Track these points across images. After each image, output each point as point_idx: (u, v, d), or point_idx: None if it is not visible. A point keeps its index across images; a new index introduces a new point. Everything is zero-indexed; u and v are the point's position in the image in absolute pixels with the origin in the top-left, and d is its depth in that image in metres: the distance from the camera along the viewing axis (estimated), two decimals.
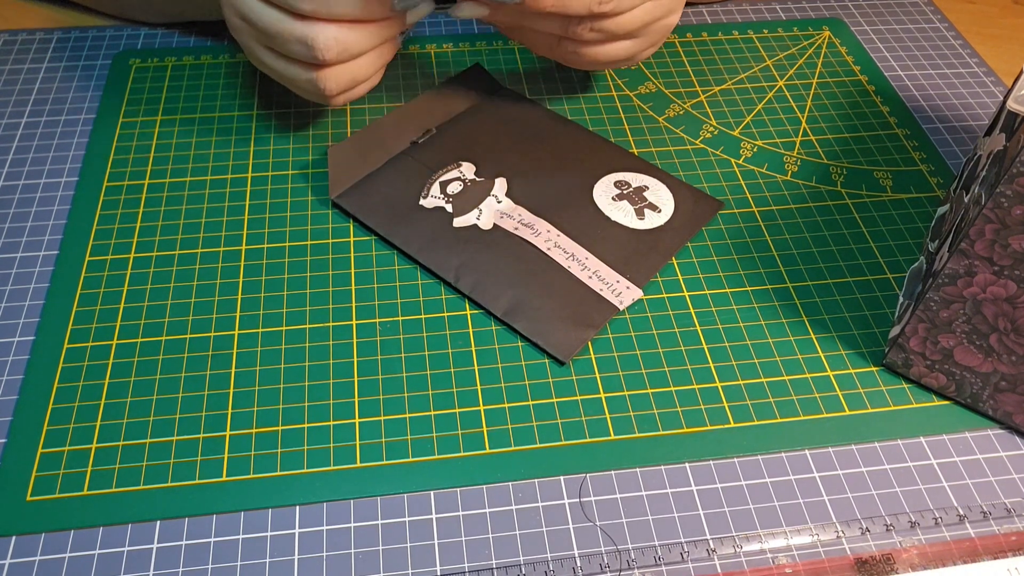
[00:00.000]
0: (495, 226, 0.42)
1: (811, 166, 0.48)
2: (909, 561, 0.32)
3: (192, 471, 0.34)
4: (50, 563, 0.32)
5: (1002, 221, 0.31)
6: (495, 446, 0.35)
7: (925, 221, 0.45)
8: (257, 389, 0.37)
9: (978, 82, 0.54)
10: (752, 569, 0.32)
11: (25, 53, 0.53)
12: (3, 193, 0.45)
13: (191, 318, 0.39)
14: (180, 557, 0.32)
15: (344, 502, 0.34)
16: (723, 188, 0.46)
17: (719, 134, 0.50)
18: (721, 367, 0.38)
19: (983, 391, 0.36)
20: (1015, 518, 0.34)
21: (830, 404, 0.37)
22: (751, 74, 0.54)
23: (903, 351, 0.37)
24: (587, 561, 0.32)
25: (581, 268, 0.41)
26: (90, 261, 0.41)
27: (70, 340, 0.38)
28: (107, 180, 0.45)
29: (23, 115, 0.49)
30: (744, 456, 0.35)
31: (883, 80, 0.54)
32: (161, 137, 0.48)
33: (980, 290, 0.33)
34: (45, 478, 0.34)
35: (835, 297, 0.41)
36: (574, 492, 0.34)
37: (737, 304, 0.41)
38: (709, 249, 0.43)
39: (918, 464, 0.36)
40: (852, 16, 0.59)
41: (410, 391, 0.37)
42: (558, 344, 0.38)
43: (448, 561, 0.32)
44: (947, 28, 0.59)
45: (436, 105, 0.48)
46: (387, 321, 0.39)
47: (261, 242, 0.43)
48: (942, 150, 0.49)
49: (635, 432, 0.36)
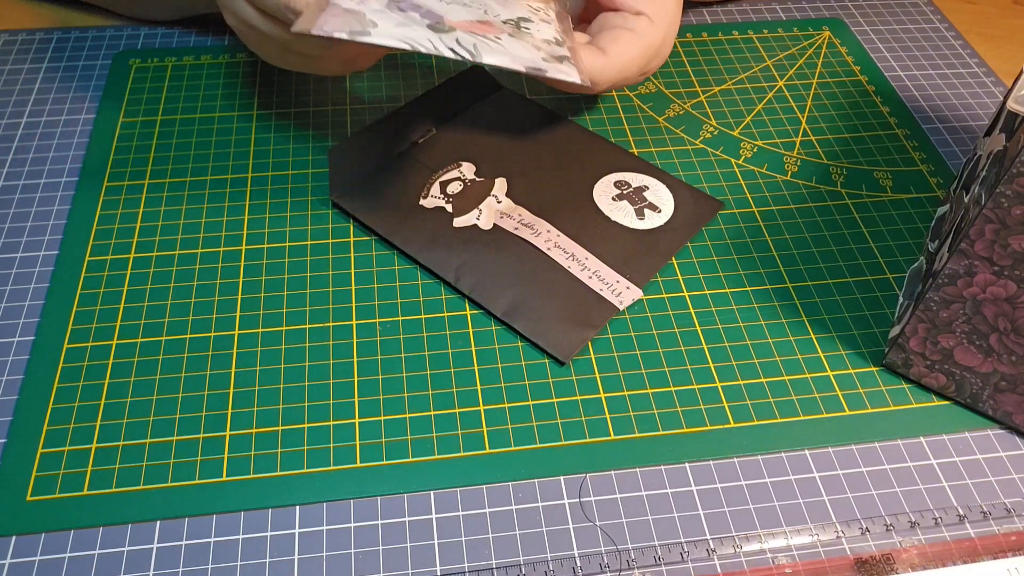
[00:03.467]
0: (495, 226, 0.42)
1: (811, 166, 0.48)
2: (909, 561, 0.32)
3: (192, 471, 0.34)
4: (50, 563, 0.32)
5: (1002, 221, 0.31)
6: (495, 446, 0.35)
7: (925, 221, 0.45)
8: (257, 389, 0.37)
9: (978, 82, 0.54)
10: (752, 569, 0.32)
11: (25, 53, 0.53)
12: (3, 193, 0.45)
13: (191, 318, 0.39)
14: (180, 557, 0.32)
15: (344, 502, 0.34)
16: (723, 188, 0.46)
17: (719, 134, 0.50)
18: (721, 367, 0.38)
19: (983, 391, 0.36)
20: (1015, 518, 0.34)
21: (830, 404, 0.37)
22: (751, 74, 0.54)
23: (903, 351, 0.37)
24: (587, 561, 0.32)
25: (581, 268, 0.41)
26: (90, 261, 0.41)
27: (70, 340, 0.38)
28: (107, 180, 0.45)
29: (23, 115, 0.49)
30: (744, 456, 0.35)
31: (883, 80, 0.54)
32: (161, 137, 0.48)
33: (980, 290, 0.33)
34: (45, 478, 0.34)
35: (835, 297, 0.41)
36: (574, 492, 0.34)
37: (737, 304, 0.41)
38: (709, 249, 0.43)
39: (918, 464, 0.36)
40: (852, 16, 0.59)
41: (410, 391, 0.37)
42: (558, 344, 0.38)
43: (448, 561, 0.32)
44: (947, 28, 0.59)
45: (436, 105, 0.48)
46: (387, 321, 0.39)
47: (261, 242, 0.43)
48: (942, 150, 0.49)
49: (635, 432, 0.36)
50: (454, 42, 0.34)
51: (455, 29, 0.34)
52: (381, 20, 0.34)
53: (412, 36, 0.33)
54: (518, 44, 0.35)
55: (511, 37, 0.35)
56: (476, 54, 0.34)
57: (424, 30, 0.34)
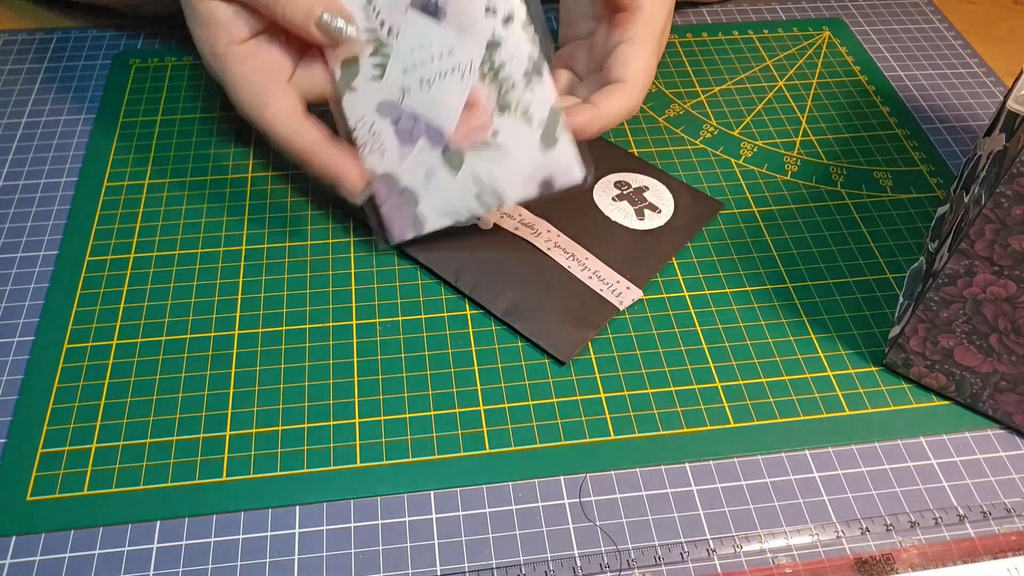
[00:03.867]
0: (495, 226, 0.42)
1: (811, 166, 0.48)
2: (909, 561, 0.32)
3: (192, 471, 0.34)
4: (50, 563, 0.32)
5: (1002, 221, 0.31)
6: (495, 446, 0.35)
7: (925, 221, 0.45)
8: (257, 389, 0.37)
9: (978, 82, 0.54)
10: (752, 569, 0.32)
11: (25, 53, 0.53)
12: (3, 193, 0.45)
13: (191, 318, 0.39)
14: (180, 557, 0.32)
15: (344, 502, 0.34)
16: (723, 188, 0.46)
17: (719, 134, 0.50)
18: (721, 367, 0.38)
19: (983, 391, 0.36)
20: (1015, 518, 0.34)
21: (830, 404, 0.37)
22: (751, 74, 0.54)
23: (903, 351, 0.37)
24: (587, 561, 0.32)
25: (581, 268, 0.41)
26: (90, 261, 0.41)
27: (70, 340, 0.38)
28: (107, 180, 0.45)
29: (23, 115, 0.49)
30: (744, 456, 0.35)
31: (883, 80, 0.54)
32: (161, 137, 0.48)
33: (980, 290, 0.33)
34: (45, 478, 0.34)
35: (835, 297, 0.41)
36: (574, 492, 0.34)
37: (737, 304, 0.41)
38: (709, 249, 0.43)
39: (918, 464, 0.36)
40: (852, 16, 0.59)
41: (410, 391, 0.37)
42: (558, 344, 0.38)
43: (448, 561, 0.32)
44: (947, 28, 0.59)
45: None
46: (387, 321, 0.39)
47: (261, 242, 0.43)
48: (942, 150, 0.49)
49: (635, 432, 0.36)
50: (474, 183, 0.38)
51: (461, 148, 0.37)
52: (413, 183, 0.39)
53: (451, 206, 0.39)
54: (515, 138, 0.37)
55: (501, 117, 0.37)
56: (501, 196, 0.38)
57: (447, 175, 0.38)
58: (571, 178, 0.37)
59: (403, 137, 0.38)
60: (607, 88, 0.39)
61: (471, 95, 0.37)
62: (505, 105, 0.36)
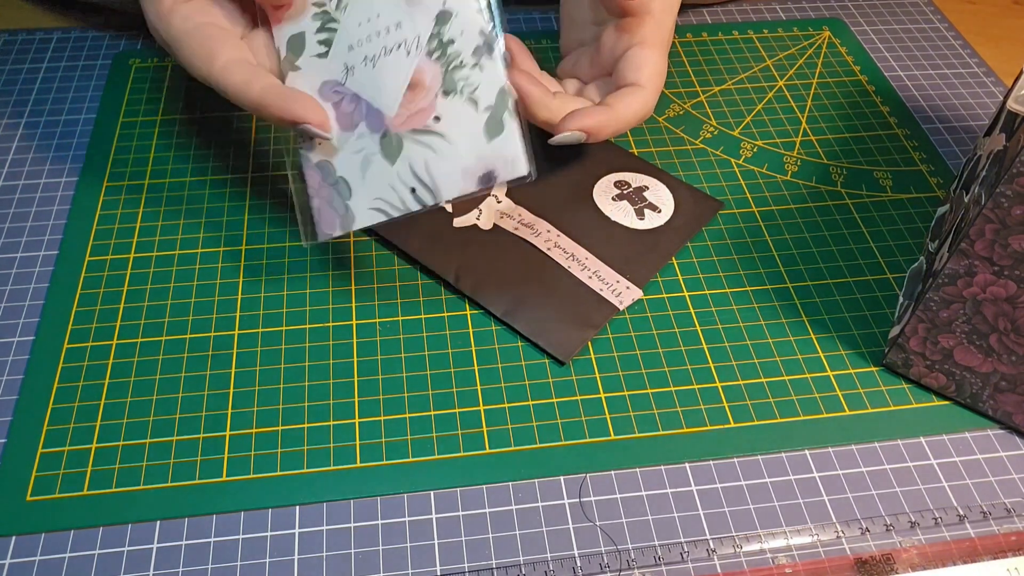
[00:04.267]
0: (495, 226, 0.42)
1: (811, 166, 0.48)
2: (909, 561, 0.32)
3: (192, 471, 0.34)
4: (50, 563, 0.32)
5: (1002, 221, 0.31)
6: (495, 446, 0.35)
7: (925, 221, 0.45)
8: (257, 389, 0.37)
9: (978, 82, 0.54)
10: (752, 569, 0.32)
11: (25, 53, 0.53)
12: (3, 193, 0.45)
13: (191, 318, 0.39)
14: (180, 557, 0.32)
15: (344, 502, 0.34)
16: (723, 188, 0.46)
17: (719, 134, 0.50)
18: (721, 367, 0.38)
19: (983, 391, 0.36)
20: (1015, 518, 0.34)
21: (830, 404, 0.37)
22: (751, 74, 0.54)
23: (903, 351, 0.37)
24: (587, 561, 0.32)
25: (581, 268, 0.41)
26: (90, 261, 0.41)
27: (70, 340, 0.38)
28: (107, 180, 0.45)
29: (23, 115, 0.49)
30: (744, 456, 0.35)
31: (883, 80, 0.54)
32: (161, 137, 0.48)
33: (980, 290, 0.33)
34: (45, 478, 0.34)
35: (835, 297, 0.41)
36: (574, 492, 0.34)
37: (737, 304, 0.41)
38: (709, 249, 0.43)
39: (918, 464, 0.36)
40: (852, 16, 0.59)
41: (410, 391, 0.37)
42: (558, 344, 0.38)
43: (448, 561, 0.32)
44: (947, 28, 0.59)
45: None
46: (387, 321, 0.39)
47: (261, 242, 0.43)
48: (942, 150, 0.49)
49: (635, 432, 0.36)
50: (411, 176, 0.35)
51: (400, 134, 0.34)
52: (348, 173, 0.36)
53: (383, 197, 0.35)
54: (458, 124, 0.34)
55: (445, 100, 0.34)
56: (436, 192, 0.34)
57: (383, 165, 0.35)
58: (515, 172, 0.34)
59: (343, 121, 0.35)
60: (622, 91, 0.39)
61: (415, 74, 0.34)
62: (451, 87, 0.34)
